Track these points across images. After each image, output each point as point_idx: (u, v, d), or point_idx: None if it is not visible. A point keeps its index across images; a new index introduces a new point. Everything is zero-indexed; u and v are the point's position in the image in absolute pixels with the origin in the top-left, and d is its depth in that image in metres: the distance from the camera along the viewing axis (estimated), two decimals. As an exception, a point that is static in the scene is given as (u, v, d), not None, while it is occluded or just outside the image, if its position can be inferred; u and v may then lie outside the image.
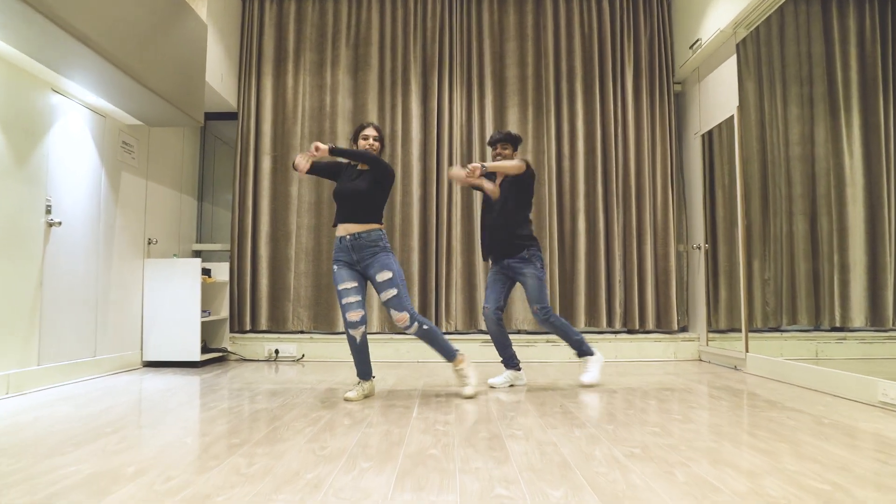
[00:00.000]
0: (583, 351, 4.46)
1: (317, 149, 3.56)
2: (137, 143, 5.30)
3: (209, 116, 6.63)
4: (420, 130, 6.26)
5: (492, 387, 4.38)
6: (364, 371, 3.93)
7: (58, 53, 3.65)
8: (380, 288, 3.78)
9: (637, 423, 3.05)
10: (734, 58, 5.36)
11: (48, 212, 4.16)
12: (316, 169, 3.94)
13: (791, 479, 2.11)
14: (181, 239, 6.12)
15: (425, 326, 3.87)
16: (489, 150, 6.14)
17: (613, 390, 4.16)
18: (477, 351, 5.84)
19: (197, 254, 6.46)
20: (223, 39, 5.92)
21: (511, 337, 5.93)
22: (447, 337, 5.87)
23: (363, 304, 3.82)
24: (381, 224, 3.88)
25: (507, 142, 4.43)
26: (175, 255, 5.85)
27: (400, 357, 5.90)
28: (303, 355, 5.93)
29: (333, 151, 3.62)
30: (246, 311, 6.06)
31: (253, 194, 6.21)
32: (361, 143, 3.92)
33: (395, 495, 1.95)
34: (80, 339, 4.52)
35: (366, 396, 3.88)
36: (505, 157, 4.40)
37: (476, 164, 3.98)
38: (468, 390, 3.92)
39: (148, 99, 4.45)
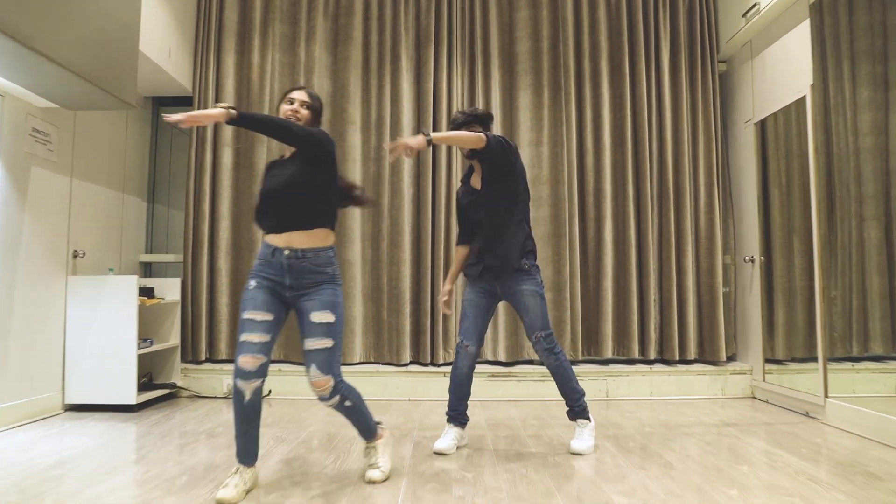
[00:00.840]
0: (579, 410, 3.35)
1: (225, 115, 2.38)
2: (57, 132, 4.21)
3: (162, 102, 5.56)
4: (412, 116, 5.17)
5: (438, 453, 3.27)
6: (247, 450, 2.63)
7: None
8: (311, 331, 2.61)
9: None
10: (806, 24, 4.29)
11: None
12: None
13: None
14: (125, 249, 5.04)
15: (348, 403, 2.69)
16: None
17: (668, 462, 3.07)
18: (481, 387, 4.77)
19: (146, 266, 5.38)
20: (173, 7, 4.82)
21: (522, 369, 4.89)
22: (444, 369, 4.82)
23: (269, 348, 2.60)
24: (333, 236, 2.77)
25: (473, 123, 3.35)
26: (111, 269, 4.75)
27: (388, 394, 4.80)
28: (269, 391, 4.85)
29: (242, 119, 2.41)
30: (201, 336, 4.97)
31: (211, 195, 5.12)
32: (283, 108, 2.77)
33: None
34: (-37, 387, 3.44)
35: (248, 492, 2.61)
36: None
37: (417, 138, 2.90)
38: (376, 475, 2.76)
39: (56, 75, 3.36)
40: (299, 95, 2.78)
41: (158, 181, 5.60)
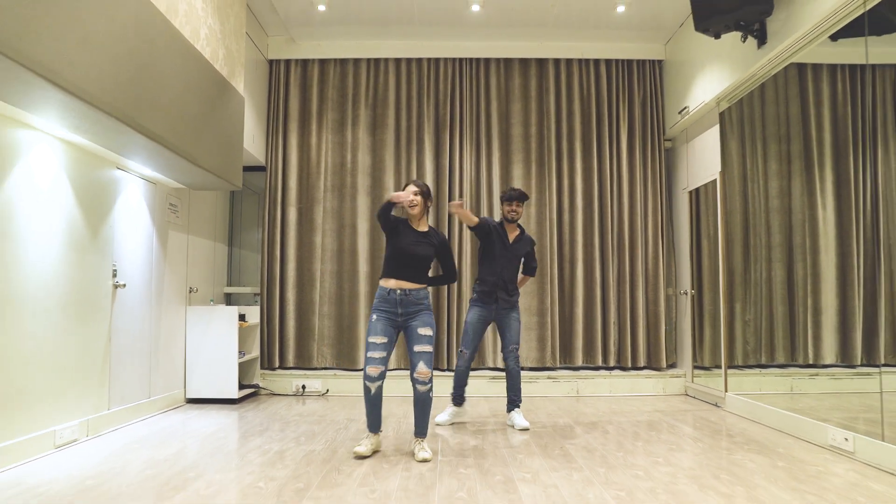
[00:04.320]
0: (519, 402, 5.04)
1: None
2: (181, 203, 5.93)
3: (239, 169, 7.27)
4: (433, 184, 6.89)
5: (437, 424, 5.01)
6: (373, 424, 4.11)
7: (128, 146, 4.27)
8: (418, 340, 4.04)
9: (625, 467, 3.67)
10: (717, 128, 6.00)
11: (114, 275, 4.78)
12: (388, 220, 4.15)
13: (741, 521, 2.74)
14: (215, 284, 6.75)
15: (431, 394, 4.11)
16: (498, 203, 6.83)
17: (607, 430, 4.77)
18: (485, 386, 6.46)
19: (228, 297, 7.08)
20: (253, 101, 6.56)
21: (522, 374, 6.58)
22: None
23: (386, 361, 4.02)
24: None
25: (522, 200, 5.08)
26: (212, 300, 6.46)
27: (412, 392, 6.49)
28: (327, 390, 6.54)
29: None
30: (275, 349, 6.68)
31: (280, 243, 6.84)
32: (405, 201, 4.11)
33: (437, 535, 2.57)
34: (139, 383, 5.14)
35: (374, 451, 4.11)
36: (518, 214, 5.06)
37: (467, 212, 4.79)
38: (428, 454, 3.95)
39: (195, 171, 5.06)
40: (411, 189, 4.20)
41: (234, 229, 7.31)
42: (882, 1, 3.92)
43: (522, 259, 5.22)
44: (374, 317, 4.14)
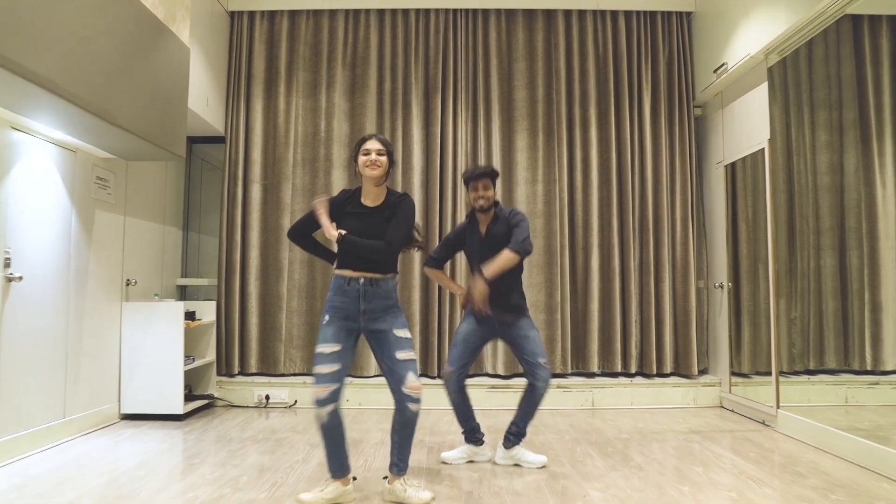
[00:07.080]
0: (522, 435, 3.79)
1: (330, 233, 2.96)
2: (114, 177, 4.86)
3: (194, 140, 6.18)
4: (422, 157, 5.83)
5: (444, 462, 3.80)
6: (336, 465, 3.03)
7: (10, 95, 3.21)
8: (399, 345, 3.01)
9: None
10: (765, 85, 4.94)
11: (7, 265, 3.72)
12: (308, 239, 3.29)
13: None
14: (164, 274, 5.68)
15: (420, 415, 3.18)
16: (501, 181, 5.74)
17: (639, 465, 3.73)
18: (484, 396, 5.42)
19: (182, 290, 6.03)
20: (209, 60, 5.48)
21: (518, 381, 5.53)
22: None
23: (341, 376, 2.94)
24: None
25: (492, 178, 3.72)
26: (156, 294, 5.40)
27: (400, 404, 5.46)
28: (295, 401, 5.50)
29: (345, 241, 2.95)
30: (234, 352, 5.63)
31: (242, 226, 5.77)
32: (361, 158, 3.06)
33: None
34: (47, 402, 4.08)
35: (332, 502, 3.02)
36: (489, 200, 3.68)
37: (481, 287, 3.42)
38: (429, 494, 3.08)
39: (120, 136, 4.01)
40: (374, 146, 3.05)
41: (192, 211, 6.25)
42: None
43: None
44: (327, 318, 3.04)
